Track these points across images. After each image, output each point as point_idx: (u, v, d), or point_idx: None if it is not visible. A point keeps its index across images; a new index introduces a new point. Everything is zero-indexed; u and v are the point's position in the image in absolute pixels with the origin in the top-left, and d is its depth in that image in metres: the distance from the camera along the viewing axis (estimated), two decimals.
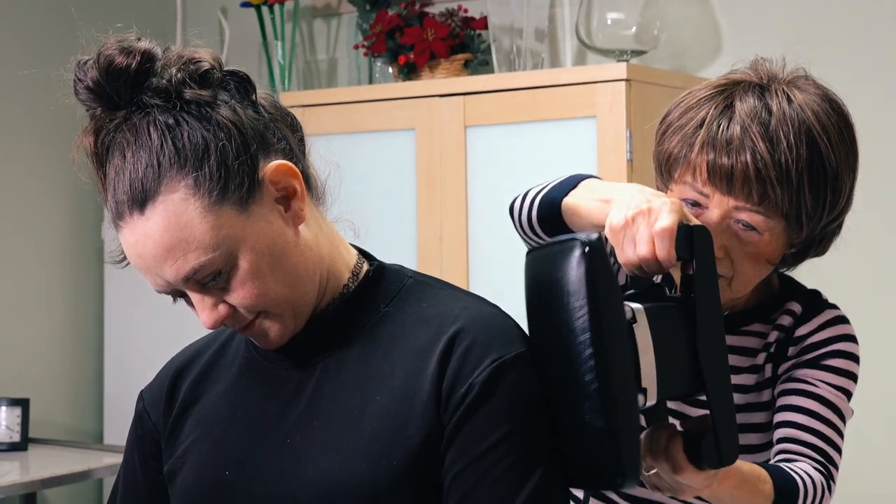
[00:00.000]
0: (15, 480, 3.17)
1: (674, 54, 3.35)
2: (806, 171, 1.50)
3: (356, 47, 3.67)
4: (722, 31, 3.32)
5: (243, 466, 1.37)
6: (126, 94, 1.29)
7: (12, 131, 3.66)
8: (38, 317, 3.77)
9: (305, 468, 1.32)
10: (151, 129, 1.28)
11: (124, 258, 1.34)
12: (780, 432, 1.59)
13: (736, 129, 1.51)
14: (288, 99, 3.45)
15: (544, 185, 1.57)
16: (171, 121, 1.28)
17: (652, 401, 1.30)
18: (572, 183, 1.52)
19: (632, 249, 1.34)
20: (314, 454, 1.32)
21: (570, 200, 1.49)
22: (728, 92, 1.56)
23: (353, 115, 3.35)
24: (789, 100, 1.53)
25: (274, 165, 1.32)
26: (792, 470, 1.53)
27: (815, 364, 1.60)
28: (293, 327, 1.37)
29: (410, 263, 2.84)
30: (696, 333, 1.32)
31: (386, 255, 1.48)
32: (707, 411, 1.34)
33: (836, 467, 1.57)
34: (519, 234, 1.62)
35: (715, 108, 1.54)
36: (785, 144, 1.49)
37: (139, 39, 1.31)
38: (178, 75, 1.29)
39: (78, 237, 3.86)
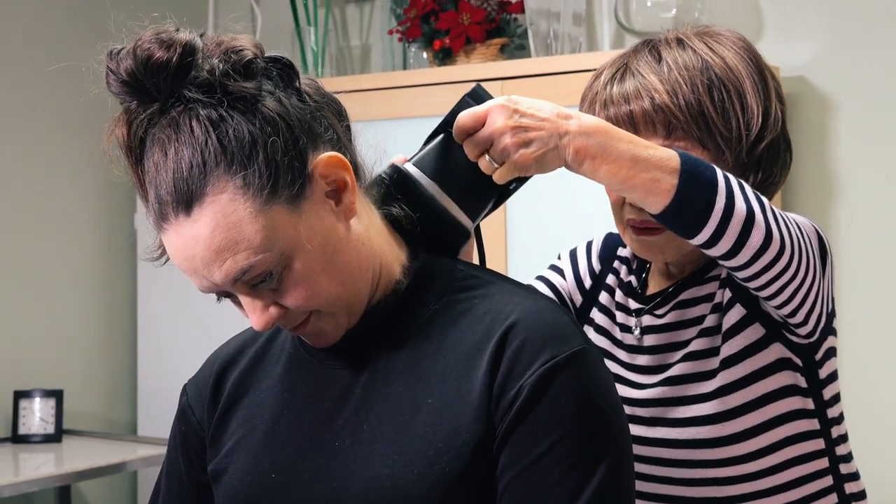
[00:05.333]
0: (50, 473, 3.15)
1: None
2: (705, 92, 1.53)
3: (390, 32, 3.63)
4: (764, 13, 3.26)
5: (290, 469, 1.32)
6: (166, 89, 1.22)
7: (41, 120, 3.64)
8: (71, 308, 3.75)
9: (354, 474, 1.27)
10: (194, 124, 1.21)
11: (161, 255, 1.29)
12: None
13: (630, 80, 1.56)
14: None
15: None
16: (214, 116, 1.21)
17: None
18: None
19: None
20: (364, 459, 1.27)
21: None
22: (624, 55, 1.61)
23: (388, 101, 3.31)
24: (679, 41, 1.58)
25: (324, 158, 1.26)
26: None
27: None
28: (347, 325, 1.32)
29: None
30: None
31: None
32: None
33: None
34: None
35: (612, 69, 1.60)
36: (677, 74, 1.54)
37: (178, 30, 1.24)
38: (221, 67, 1.22)
39: (110, 227, 3.84)
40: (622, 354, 1.64)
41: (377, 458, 1.26)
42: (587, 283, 1.74)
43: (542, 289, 1.76)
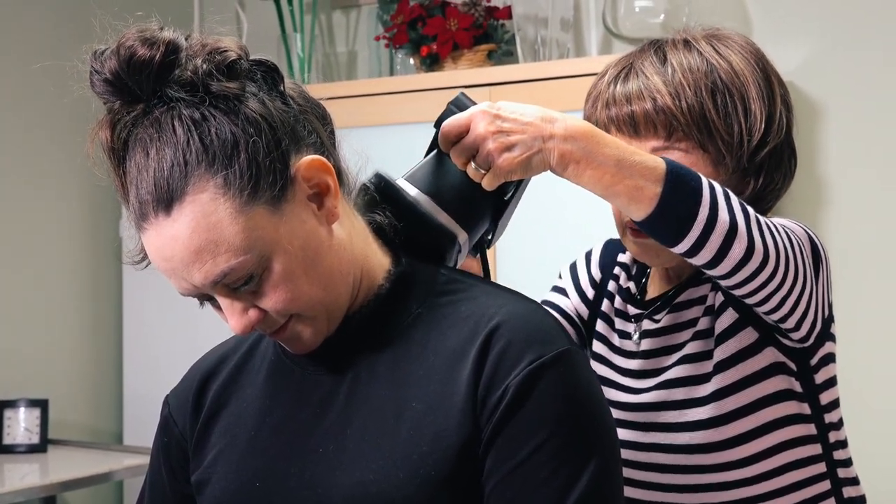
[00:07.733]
0: (35, 483, 3.13)
1: None
2: (708, 96, 1.52)
3: (377, 39, 3.61)
4: (752, 18, 3.25)
5: (274, 477, 1.31)
6: (149, 88, 1.22)
7: (25, 125, 3.62)
8: (56, 317, 3.73)
9: (339, 479, 1.26)
10: (176, 123, 1.20)
11: (143, 258, 1.28)
12: None
13: (633, 81, 1.55)
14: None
15: None
16: (196, 115, 1.21)
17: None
18: None
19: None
20: (348, 463, 1.26)
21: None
22: (630, 55, 1.61)
23: (374, 107, 3.29)
24: (686, 43, 1.57)
25: (306, 161, 1.25)
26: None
27: None
28: (326, 330, 1.30)
29: None
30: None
31: None
32: None
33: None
34: None
35: (616, 69, 1.59)
36: (681, 76, 1.53)
37: (162, 29, 1.24)
38: (204, 66, 1.22)
39: (96, 235, 3.82)
40: (618, 360, 1.64)
41: (362, 463, 1.25)
42: (590, 293, 1.74)
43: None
